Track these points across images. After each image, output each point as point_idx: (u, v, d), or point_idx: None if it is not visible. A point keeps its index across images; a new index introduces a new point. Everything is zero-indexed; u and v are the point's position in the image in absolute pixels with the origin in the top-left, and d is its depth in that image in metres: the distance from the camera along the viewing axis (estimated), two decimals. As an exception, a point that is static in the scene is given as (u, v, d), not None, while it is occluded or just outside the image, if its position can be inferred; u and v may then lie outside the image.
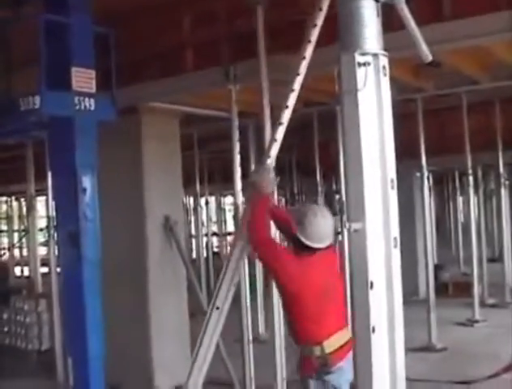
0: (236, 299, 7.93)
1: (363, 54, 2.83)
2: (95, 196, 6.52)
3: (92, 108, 6.44)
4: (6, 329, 11.73)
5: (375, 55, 2.75)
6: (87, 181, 6.43)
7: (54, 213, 9.48)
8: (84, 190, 6.37)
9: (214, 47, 7.89)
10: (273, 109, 7.25)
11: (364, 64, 2.80)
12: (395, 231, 3.04)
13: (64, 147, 6.53)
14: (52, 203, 10.57)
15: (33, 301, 11.50)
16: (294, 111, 10.16)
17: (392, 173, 2.96)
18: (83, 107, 6.35)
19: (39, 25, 6.08)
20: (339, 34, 2.89)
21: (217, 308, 5.45)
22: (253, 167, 11.98)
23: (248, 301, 7.96)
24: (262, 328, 12.60)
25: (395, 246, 3.11)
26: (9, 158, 14.77)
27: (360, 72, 2.83)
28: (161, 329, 9.14)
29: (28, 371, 8.94)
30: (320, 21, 5.27)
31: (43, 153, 10.14)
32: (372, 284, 2.91)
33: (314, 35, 5.41)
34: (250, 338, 7.92)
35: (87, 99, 6.38)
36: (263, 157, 5.83)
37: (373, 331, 3.14)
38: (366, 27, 2.87)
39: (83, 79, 6.40)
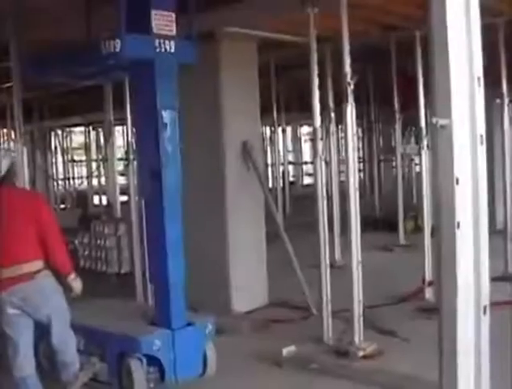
0: (314, 225, 8.01)
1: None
2: (175, 130, 6.52)
3: (173, 50, 6.38)
4: (86, 253, 11.97)
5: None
6: (167, 118, 6.45)
7: (134, 145, 9.66)
8: (165, 125, 6.40)
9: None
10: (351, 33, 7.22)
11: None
12: (481, 128, 3.02)
13: (145, 89, 6.51)
14: (130, 131, 10.69)
15: (113, 225, 11.69)
16: (370, 35, 10.17)
17: (479, 71, 2.94)
18: (163, 49, 6.30)
19: None
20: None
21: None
22: (330, 92, 11.95)
23: (325, 225, 8.00)
24: (338, 254, 12.63)
25: (481, 143, 3.10)
26: (86, 88, 14.91)
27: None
28: (239, 251, 9.29)
29: (108, 293, 9.14)
30: None
31: (121, 83, 10.23)
32: (458, 180, 2.90)
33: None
34: (328, 263, 7.99)
35: (167, 41, 6.32)
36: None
37: (458, 226, 3.15)
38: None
39: (163, 21, 6.34)
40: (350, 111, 7.17)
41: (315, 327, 8.10)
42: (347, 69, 7.05)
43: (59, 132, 27.79)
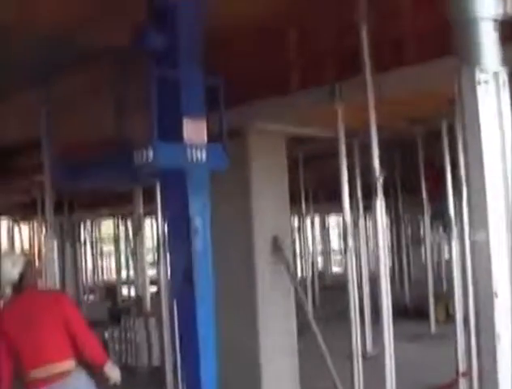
0: (344, 315, 7.99)
1: (483, 72, 2.84)
2: (207, 233, 6.56)
3: (204, 158, 6.43)
4: (116, 347, 11.97)
5: (495, 73, 2.78)
6: (199, 224, 6.49)
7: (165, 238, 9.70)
8: (197, 230, 6.44)
9: (319, 65, 7.95)
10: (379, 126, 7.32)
11: (485, 81, 2.82)
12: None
13: (176, 197, 6.59)
14: (160, 224, 10.76)
15: (143, 319, 11.72)
16: (397, 129, 10.29)
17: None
18: (194, 158, 6.35)
19: (151, 80, 6.15)
20: (457, 51, 2.91)
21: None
22: (359, 185, 12.03)
23: (357, 315, 7.98)
24: (369, 344, 12.53)
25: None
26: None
27: (481, 89, 2.84)
28: (270, 343, 9.21)
29: (139, 387, 9.12)
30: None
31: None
32: (496, 293, 2.91)
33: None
34: (359, 354, 7.94)
35: (198, 150, 6.37)
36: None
37: (499, 339, 3.15)
38: (485, 47, 2.88)
39: (195, 130, 6.43)
40: (379, 206, 7.20)
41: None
42: (376, 165, 7.11)
43: (88, 223, 28.01)
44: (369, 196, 7.49)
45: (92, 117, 9.01)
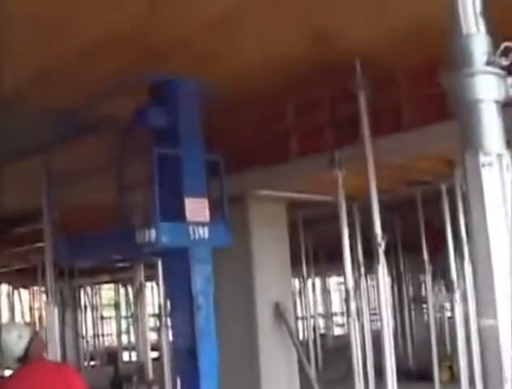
0: (347, 378, 7.96)
1: (486, 155, 2.89)
2: (210, 309, 6.55)
3: (207, 236, 6.44)
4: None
5: (499, 155, 2.83)
6: (202, 300, 6.47)
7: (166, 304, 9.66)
8: (200, 307, 6.42)
9: (318, 133, 8.04)
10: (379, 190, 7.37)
11: (489, 164, 2.87)
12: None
13: (179, 273, 6.57)
14: (162, 290, 10.73)
15: (145, 388, 11.63)
16: (396, 191, 10.35)
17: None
18: (197, 236, 6.36)
19: (151, 159, 6.21)
20: (460, 133, 2.95)
21: None
22: (359, 248, 12.06)
23: (361, 378, 7.95)
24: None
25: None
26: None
27: (485, 171, 2.88)
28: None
29: None
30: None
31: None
32: (507, 379, 2.91)
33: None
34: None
35: (201, 228, 6.39)
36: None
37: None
38: (488, 129, 2.93)
39: (197, 208, 6.46)
40: (382, 271, 7.20)
41: None
42: (378, 230, 7.12)
43: (88, 289, 27.93)
44: (369, 255, 7.49)
45: (93, 190, 9.07)
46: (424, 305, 17.46)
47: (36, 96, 7.40)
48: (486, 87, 2.97)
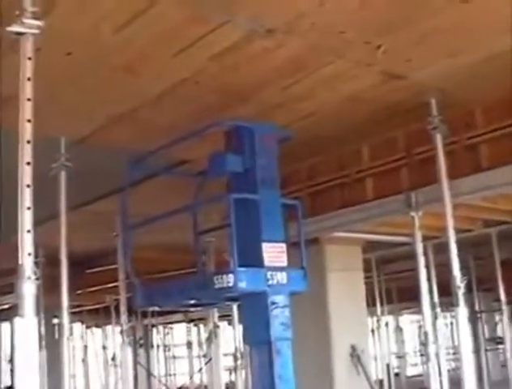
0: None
1: None
2: (289, 356, 6.42)
3: (284, 281, 6.35)
4: None
5: None
6: (281, 345, 6.43)
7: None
8: (278, 352, 6.38)
9: (393, 174, 8.01)
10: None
11: None
12: None
13: (257, 320, 6.53)
14: (237, 332, 10.73)
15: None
16: (471, 231, 10.23)
17: None
18: (275, 281, 6.29)
19: (229, 204, 6.17)
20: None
21: None
22: (435, 287, 11.92)
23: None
24: None
25: None
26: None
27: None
28: None
29: None
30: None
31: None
32: None
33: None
34: None
35: (279, 273, 6.32)
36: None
37: None
38: None
39: (275, 253, 6.39)
40: (462, 314, 7.09)
41: None
42: (456, 272, 7.01)
43: (160, 328, 28.06)
44: (444, 292, 7.36)
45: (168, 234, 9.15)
46: (500, 346, 17.08)
47: (112, 138, 7.56)
48: None
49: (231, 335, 11.70)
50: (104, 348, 26.15)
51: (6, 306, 17.92)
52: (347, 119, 7.41)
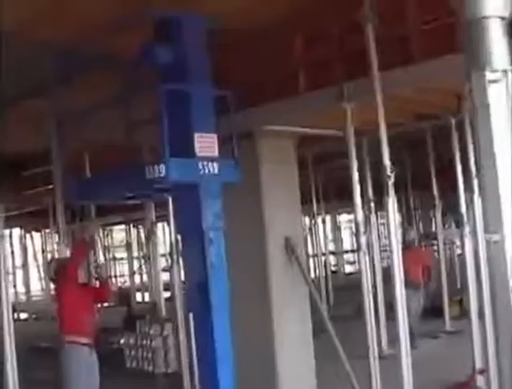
0: (358, 314, 7.99)
1: (493, 72, 2.87)
2: (221, 244, 6.59)
3: (216, 171, 6.45)
4: (133, 353, 11.96)
5: (504, 71, 2.81)
6: (213, 235, 6.50)
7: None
8: (211, 241, 6.44)
9: (326, 67, 7.96)
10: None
11: (495, 81, 2.85)
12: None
13: (190, 211, 6.60)
14: (173, 229, 10.73)
15: (158, 326, 11.70)
16: (405, 125, 10.29)
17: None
18: (207, 171, 6.37)
19: (160, 95, 6.17)
20: (466, 52, 2.92)
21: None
22: (369, 183, 12.07)
23: (372, 315, 7.98)
24: (385, 343, 12.52)
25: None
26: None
27: (492, 89, 2.87)
28: (285, 347, 9.18)
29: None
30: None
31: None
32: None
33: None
34: (376, 353, 7.93)
35: (210, 163, 6.40)
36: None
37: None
38: (494, 46, 2.90)
39: (206, 144, 6.45)
40: (391, 204, 7.18)
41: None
42: (387, 162, 7.09)
43: (100, 230, 28.07)
44: (379, 192, 7.47)
45: (102, 130, 9.02)
46: (435, 242, 17.41)
47: (39, 31, 7.34)
48: (493, 4, 2.95)
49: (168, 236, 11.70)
50: (44, 251, 26.11)
51: None
52: (279, 10, 7.31)
